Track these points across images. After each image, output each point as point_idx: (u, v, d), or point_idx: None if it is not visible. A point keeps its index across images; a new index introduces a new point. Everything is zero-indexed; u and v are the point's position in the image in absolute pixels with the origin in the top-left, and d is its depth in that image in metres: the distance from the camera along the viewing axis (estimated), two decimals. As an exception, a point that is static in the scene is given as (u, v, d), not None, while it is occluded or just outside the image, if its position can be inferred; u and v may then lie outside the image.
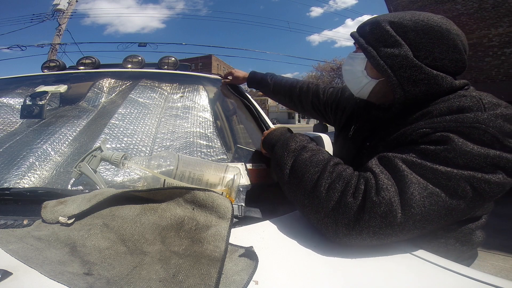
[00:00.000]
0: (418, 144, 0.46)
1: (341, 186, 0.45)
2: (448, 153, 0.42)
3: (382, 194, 0.42)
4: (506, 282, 0.37)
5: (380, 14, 0.62)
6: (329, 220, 0.45)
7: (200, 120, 0.97)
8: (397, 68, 0.53)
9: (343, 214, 0.44)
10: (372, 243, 0.44)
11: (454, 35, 0.53)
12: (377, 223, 0.42)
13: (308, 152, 0.53)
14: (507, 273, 1.81)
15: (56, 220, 0.46)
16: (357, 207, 0.43)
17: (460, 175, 0.41)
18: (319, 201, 0.46)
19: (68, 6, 9.40)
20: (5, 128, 0.87)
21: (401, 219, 0.41)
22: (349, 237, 0.44)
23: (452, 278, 0.39)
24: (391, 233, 0.42)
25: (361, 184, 0.44)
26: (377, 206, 0.41)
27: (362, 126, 0.68)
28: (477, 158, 0.41)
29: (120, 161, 0.56)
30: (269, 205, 0.57)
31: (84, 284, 0.34)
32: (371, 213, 0.42)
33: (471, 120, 0.43)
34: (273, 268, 0.40)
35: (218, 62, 38.70)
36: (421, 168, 0.43)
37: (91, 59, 1.33)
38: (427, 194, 0.41)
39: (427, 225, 0.42)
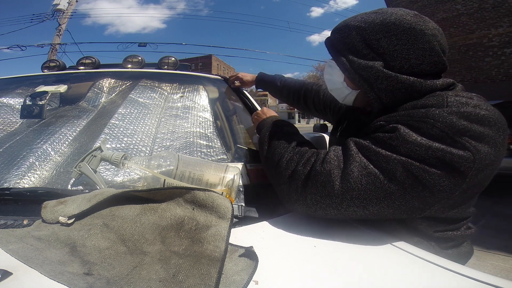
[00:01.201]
0: (373, 133, 0.49)
1: (297, 158, 0.52)
2: (392, 140, 0.45)
3: (325, 165, 0.48)
4: (506, 282, 0.37)
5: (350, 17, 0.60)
6: (285, 187, 0.52)
7: (200, 120, 0.97)
8: (373, 80, 0.53)
9: (293, 181, 0.50)
10: (317, 212, 0.49)
11: (430, 37, 0.51)
12: (318, 191, 0.47)
13: (283, 133, 0.62)
14: (507, 273, 1.81)
15: (56, 220, 0.46)
16: (304, 175, 0.49)
17: (398, 160, 0.44)
18: (280, 170, 0.53)
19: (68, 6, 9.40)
20: (5, 128, 0.87)
21: (338, 191, 0.45)
22: (298, 203, 0.50)
23: (452, 278, 0.39)
24: (331, 204, 0.47)
25: (312, 157, 0.51)
26: (318, 174, 0.47)
27: (347, 127, 0.71)
28: (417, 148, 0.43)
29: (120, 161, 0.56)
30: (269, 205, 0.57)
31: (84, 284, 0.34)
32: (313, 181, 0.48)
33: (421, 115, 0.45)
34: (273, 268, 0.40)
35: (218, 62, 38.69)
36: (367, 150, 0.47)
37: (91, 59, 1.33)
38: (366, 173, 0.45)
39: (367, 204, 0.45)
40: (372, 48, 0.53)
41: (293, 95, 1.07)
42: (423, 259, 0.43)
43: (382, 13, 0.55)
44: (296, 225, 0.52)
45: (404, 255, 0.44)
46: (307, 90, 1.02)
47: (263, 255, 0.41)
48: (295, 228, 0.50)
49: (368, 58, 0.54)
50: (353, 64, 0.55)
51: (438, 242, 0.54)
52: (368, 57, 0.54)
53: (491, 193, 2.88)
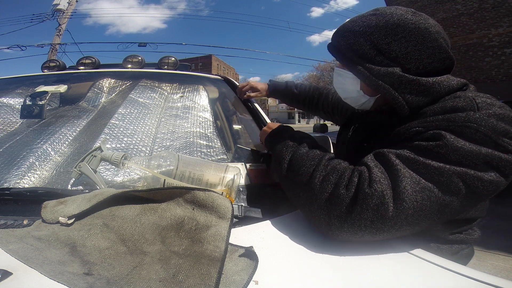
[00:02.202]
0: (411, 141, 0.46)
1: (334, 178, 0.46)
2: (440, 148, 0.42)
3: (375, 186, 0.42)
4: (506, 282, 0.37)
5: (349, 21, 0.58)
6: (322, 212, 0.45)
7: (200, 120, 0.97)
8: (397, 86, 0.51)
9: (335, 205, 0.43)
10: (364, 237, 0.43)
11: (435, 34, 0.51)
12: (369, 215, 0.41)
13: (305, 148, 0.54)
14: (507, 273, 1.81)
15: (56, 220, 0.46)
16: (349, 199, 0.43)
17: (452, 171, 0.41)
18: (313, 193, 0.46)
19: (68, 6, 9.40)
20: (5, 128, 0.87)
21: (393, 213, 0.41)
22: (341, 230, 0.43)
23: (452, 278, 0.39)
24: (383, 227, 0.42)
25: (354, 176, 0.44)
26: (370, 198, 0.41)
27: (361, 127, 0.68)
28: (469, 155, 0.41)
29: (120, 161, 0.56)
30: (269, 205, 0.57)
31: (84, 284, 0.34)
32: (363, 205, 0.41)
33: (463, 119, 0.43)
34: (273, 268, 0.40)
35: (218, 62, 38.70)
36: (414, 163, 0.43)
37: (91, 59, 1.33)
38: (420, 188, 0.41)
39: (420, 221, 0.42)
40: (384, 53, 0.52)
41: (308, 100, 1.06)
42: (422, 259, 0.43)
43: (382, 14, 0.54)
44: (296, 225, 0.52)
45: (404, 255, 0.44)
46: (319, 94, 1.03)
47: (263, 255, 0.41)
48: (295, 228, 0.50)
49: (383, 64, 0.52)
50: (372, 71, 0.53)
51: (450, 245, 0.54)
52: (383, 63, 0.52)
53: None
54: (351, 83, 0.59)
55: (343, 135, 0.77)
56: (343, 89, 0.63)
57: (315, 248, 0.45)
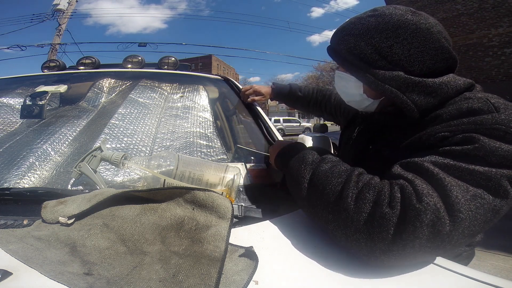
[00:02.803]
0: (439, 147, 0.43)
1: (372, 196, 0.40)
2: (478, 151, 0.40)
3: (425, 199, 0.37)
4: (506, 282, 0.37)
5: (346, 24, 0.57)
6: (362, 236, 0.39)
7: (200, 120, 0.97)
8: (404, 89, 0.50)
9: (379, 227, 0.38)
10: (415, 259, 0.39)
11: (437, 34, 0.50)
12: (425, 233, 0.36)
13: (327, 163, 0.49)
14: (507, 273, 1.81)
15: (56, 220, 0.46)
16: (396, 217, 0.37)
17: (500, 174, 0.38)
18: (347, 215, 0.40)
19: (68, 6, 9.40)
20: (5, 128, 0.87)
21: (451, 227, 0.36)
22: (389, 254, 0.38)
23: (452, 278, 0.39)
24: (439, 245, 0.37)
25: (395, 192, 0.39)
26: (423, 213, 0.36)
27: (365, 128, 0.67)
28: (509, 156, 0.39)
29: (120, 161, 0.56)
30: (269, 205, 0.57)
31: (84, 284, 0.34)
32: (416, 223, 0.36)
33: (491, 122, 0.42)
34: (273, 268, 0.40)
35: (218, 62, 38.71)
36: (456, 169, 0.39)
37: (91, 59, 1.33)
38: (470, 197, 0.38)
39: (474, 232, 0.38)
40: (386, 57, 0.51)
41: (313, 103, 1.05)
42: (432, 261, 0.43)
43: (381, 15, 0.53)
44: (296, 225, 0.52)
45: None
46: (322, 96, 1.03)
47: (263, 255, 0.41)
48: (295, 228, 0.50)
49: (387, 68, 0.51)
50: (377, 76, 0.51)
51: None
52: (387, 67, 0.51)
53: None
54: (354, 86, 0.58)
55: (346, 136, 0.76)
56: (346, 93, 0.61)
57: (315, 248, 0.45)
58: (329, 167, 0.47)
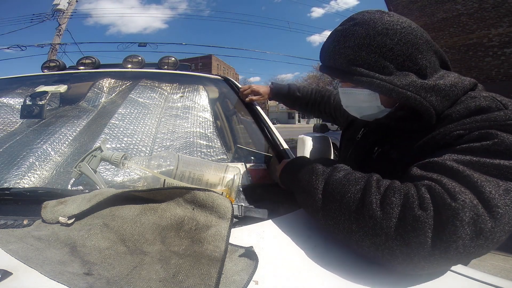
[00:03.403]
0: (456, 145, 0.43)
1: (398, 199, 0.38)
2: (498, 146, 0.39)
3: (460, 197, 0.35)
4: (506, 282, 0.37)
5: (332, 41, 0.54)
6: (395, 243, 0.36)
7: (200, 120, 0.97)
8: (424, 95, 0.49)
9: (414, 231, 0.35)
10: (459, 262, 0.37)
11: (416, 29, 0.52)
12: (467, 233, 0.34)
13: (340, 172, 0.46)
14: (507, 273, 1.81)
15: (56, 220, 0.46)
16: (432, 219, 0.35)
17: None
18: (375, 222, 0.38)
19: (68, 6, 9.40)
20: (5, 128, 0.87)
21: (492, 223, 0.34)
22: (430, 259, 0.35)
23: (452, 278, 0.39)
24: (483, 243, 0.35)
25: (424, 192, 0.37)
26: (461, 212, 0.34)
27: (372, 130, 0.65)
28: None
29: (120, 161, 0.56)
30: (269, 205, 0.57)
31: (84, 284, 0.34)
32: (456, 222, 0.34)
33: (504, 118, 0.41)
34: (273, 268, 0.40)
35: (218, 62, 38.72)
36: (481, 165, 0.38)
37: (91, 59, 1.33)
38: (503, 191, 0.36)
39: None
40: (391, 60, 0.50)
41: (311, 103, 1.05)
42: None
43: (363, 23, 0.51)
44: (296, 225, 0.52)
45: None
46: (321, 97, 1.03)
47: (263, 255, 0.41)
48: (295, 228, 0.50)
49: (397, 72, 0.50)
50: (394, 83, 0.49)
51: None
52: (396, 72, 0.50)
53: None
54: (369, 99, 0.55)
55: (347, 138, 0.75)
56: (360, 107, 0.58)
57: (315, 248, 0.45)
58: (343, 175, 0.45)
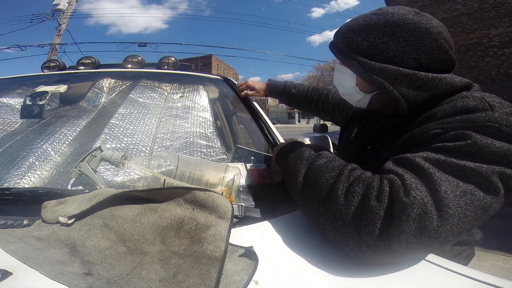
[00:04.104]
0: (432, 144, 0.43)
1: (361, 189, 0.40)
2: (470, 147, 0.39)
3: (413, 193, 0.37)
4: (506, 282, 0.37)
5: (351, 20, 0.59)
6: (350, 229, 0.39)
7: (200, 120, 0.97)
8: (393, 80, 0.51)
9: (367, 220, 0.37)
10: (402, 257, 0.38)
11: (436, 35, 0.51)
12: (411, 228, 0.35)
13: (322, 159, 0.49)
14: (507, 273, 1.81)
15: (56, 220, 0.46)
16: (383, 211, 0.37)
17: (491, 170, 0.38)
18: (336, 208, 0.40)
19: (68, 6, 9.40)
20: (5, 128, 0.87)
21: (438, 222, 0.36)
22: (375, 249, 0.37)
23: (452, 278, 0.39)
24: (427, 241, 0.36)
25: (385, 185, 0.39)
26: (409, 207, 0.36)
27: (364, 129, 0.67)
28: (501, 153, 0.39)
29: (120, 161, 0.56)
30: (269, 205, 0.57)
31: (84, 284, 0.34)
32: (403, 217, 0.36)
33: (483, 119, 0.41)
34: (273, 268, 0.40)
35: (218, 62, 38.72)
36: (447, 165, 0.39)
37: (91, 59, 1.33)
38: (460, 192, 0.37)
39: (463, 229, 0.37)
40: (381, 52, 0.52)
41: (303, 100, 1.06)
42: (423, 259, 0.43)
43: (383, 14, 0.54)
44: (296, 225, 0.52)
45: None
46: (319, 95, 1.03)
47: (263, 255, 0.41)
48: (295, 228, 0.50)
49: (379, 61, 0.52)
50: (367, 66, 0.53)
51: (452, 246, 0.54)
52: (379, 61, 0.52)
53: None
54: (349, 79, 0.60)
55: (345, 137, 0.77)
56: (341, 85, 0.63)
57: (315, 248, 0.45)
58: (324, 162, 0.48)
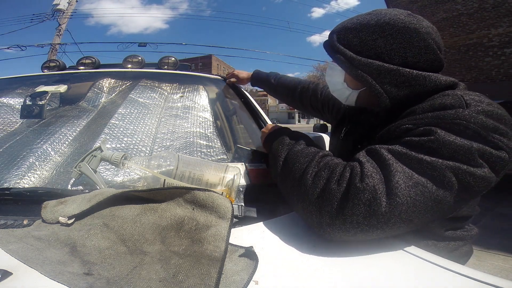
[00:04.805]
0: (402, 138, 0.46)
1: (326, 174, 0.45)
2: (432, 143, 0.42)
3: (366, 180, 0.41)
4: (506, 282, 0.37)
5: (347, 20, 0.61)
6: (314, 208, 0.44)
7: (200, 120, 0.97)
8: (376, 75, 0.53)
9: (327, 201, 0.43)
10: (357, 236, 0.42)
11: (424, 35, 0.52)
12: (361, 211, 0.40)
13: (301, 145, 0.55)
14: (507, 273, 1.81)
15: (56, 220, 0.46)
16: (341, 194, 0.42)
17: (446, 165, 0.40)
18: (305, 189, 0.46)
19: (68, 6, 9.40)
20: (5, 128, 0.87)
21: (386, 208, 0.40)
22: (333, 227, 0.42)
23: (452, 278, 0.39)
24: (376, 224, 0.41)
25: (346, 171, 0.44)
26: (361, 192, 0.40)
27: (352, 128, 0.69)
28: (461, 149, 0.41)
29: (120, 161, 0.56)
30: (269, 205, 0.57)
31: (84, 284, 0.34)
32: (355, 200, 0.40)
33: (452, 116, 0.43)
34: (273, 268, 0.40)
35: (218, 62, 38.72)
36: (406, 157, 0.42)
37: (91, 59, 1.33)
38: (413, 183, 0.40)
39: (413, 217, 0.41)
40: (369, 48, 0.54)
41: (288, 93, 1.06)
42: (422, 259, 0.43)
43: (376, 14, 0.56)
44: (296, 225, 0.52)
45: (401, 253, 0.44)
46: (303, 89, 1.01)
47: (263, 255, 0.41)
48: (295, 228, 0.50)
49: (367, 56, 0.54)
50: (353, 61, 0.54)
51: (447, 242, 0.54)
52: (367, 55, 0.54)
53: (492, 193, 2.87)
54: (337, 75, 0.62)
55: (335, 136, 0.78)
56: (331, 82, 0.65)
57: (315, 248, 0.45)
58: (301, 148, 0.54)
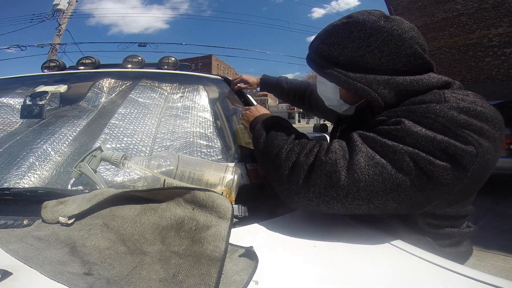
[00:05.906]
0: (377, 127, 0.49)
1: (298, 149, 0.50)
2: (397, 132, 0.45)
3: (330, 155, 0.46)
4: (506, 282, 0.37)
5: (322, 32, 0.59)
6: (285, 179, 0.48)
7: (200, 120, 0.97)
8: (376, 87, 0.53)
9: (295, 172, 0.47)
10: (319, 207, 0.46)
11: (409, 41, 0.52)
12: (323, 182, 0.44)
13: (280, 127, 0.59)
14: (507, 273, 1.81)
15: (56, 220, 0.46)
16: (307, 166, 0.47)
17: (405, 150, 0.43)
18: (279, 163, 0.50)
19: (68, 6, 9.40)
20: (5, 128, 0.87)
21: (345, 182, 0.43)
22: (299, 195, 0.47)
23: (452, 278, 0.39)
24: (335, 196, 0.44)
25: (315, 147, 0.49)
26: (324, 164, 0.45)
27: (348, 127, 0.70)
28: (423, 139, 0.43)
29: (120, 161, 0.56)
30: (269, 205, 0.57)
31: (84, 284, 0.34)
32: (318, 171, 0.45)
33: (422, 110, 0.46)
34: (273, 268, 0.40)
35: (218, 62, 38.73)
36: (372, 140, 0.46)
37: (91, 59, 1.33)
38: (373, 163, 0.44)
39: (372, 196, 0.44)
40: (359, 65, 0.54)
41: (299, 96, 1.08)
42: (422, 259, 0.43)
43: (354, 23, 0.54)
44: (296, 225, 0.52)
45: (403, 254, 0.44)
46: (311, 91, 1.03)
47: (263, 255, 0.41)
48: (295, 228, 0.50)
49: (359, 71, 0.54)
50: (348, 75, 0.54)
51: (434, 239, 0.54)
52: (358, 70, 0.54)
53: (492, 193, 2.87)
54: (331, 91, 0.62)
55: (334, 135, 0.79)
56: (326, 97, 0.66)
57: (315, 248, 0.45)
58: (280, 128, 0.58)
